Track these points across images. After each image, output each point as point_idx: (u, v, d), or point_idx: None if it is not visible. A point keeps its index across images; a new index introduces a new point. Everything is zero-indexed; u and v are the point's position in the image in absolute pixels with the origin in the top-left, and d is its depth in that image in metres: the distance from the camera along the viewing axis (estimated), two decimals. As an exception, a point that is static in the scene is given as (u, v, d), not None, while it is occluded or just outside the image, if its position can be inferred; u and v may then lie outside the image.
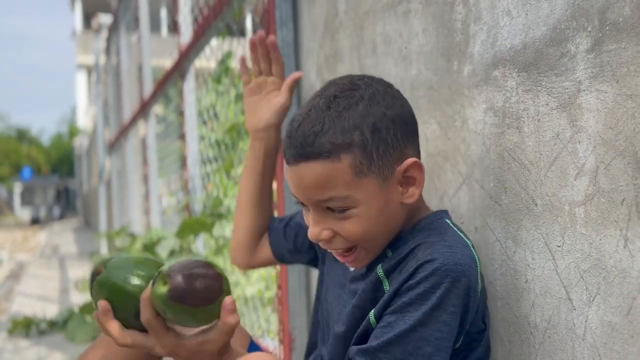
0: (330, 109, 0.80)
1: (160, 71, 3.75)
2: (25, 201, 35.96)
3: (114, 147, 6.52)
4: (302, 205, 0.85)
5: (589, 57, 0.72)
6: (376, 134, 0.79)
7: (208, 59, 2.79)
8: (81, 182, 21.20)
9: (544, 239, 0.80)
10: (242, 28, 2.32)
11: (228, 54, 2.92)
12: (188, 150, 2.87)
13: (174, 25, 3.06)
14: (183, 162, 2.98)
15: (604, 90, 0.70)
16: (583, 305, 0.74)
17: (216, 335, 0.78)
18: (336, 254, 0.87)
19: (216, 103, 2.95)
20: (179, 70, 2.91)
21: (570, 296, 0.76)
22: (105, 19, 6.86)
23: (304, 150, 0.79)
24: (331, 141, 0.78)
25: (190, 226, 2.37)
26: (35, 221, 24.12)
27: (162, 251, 2.93)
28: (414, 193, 0.83)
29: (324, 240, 0.84)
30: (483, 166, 0.92)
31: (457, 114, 0.97)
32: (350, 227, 0.81)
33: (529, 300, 0.84)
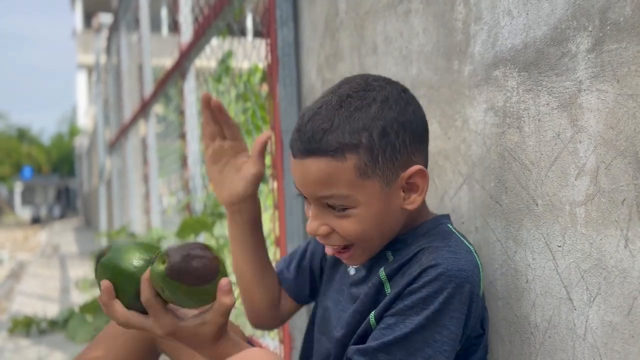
0: (342, 108, 0.80)
1: (161, 71, 3.75)
2: (25, 200, 35.98)
3: (114, 146, 6.53)
4: (305, 198, 0.86)
5: (589, 57, 0.72)
6: (384, 137, 0.79)
7: (208, 59, 2.79)
8: (82, 181, 21.20)
9: (544, 239, 0.80)
10: (242, 27, 2.32)
11: (228, 54, 2.92)
12: (188, 149, 2.87)
13: (174, 25, 3.05)
14: (183, 161, 2.98)
15: (605, 90, 0.70)
16: (584, 305, 0.74)
17: (213, 316, 0.78)
18: (332, 250, 0.88)
19: (217, 102, 2.94)
20: (179, 69, 2.91)
21: (571, 296, 0.76)
22: (106, 18, 6.87)
23: (311, 146, 0.79)
24: (338, 140, 0.78)
25: (191, 226, 2.37)
26: (36, 220, 24.15)
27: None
28: (415, 200, 0.83)
29: (320, 235, 0.85)
30: (484, 166, 0.92)
31: (457, 113, 0.97)
32: (347, 226, 0.82)
33: (529, 300, 0.84)
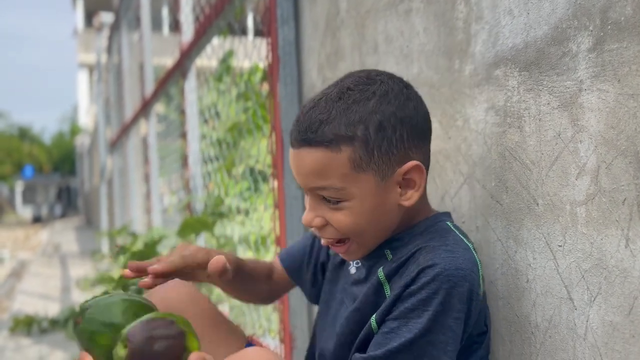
0: (341, 100, 0.80)
1: (162, 70, 3.75)
2: (26, 200, 35.99)
3: (115, 145, 6.53)
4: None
5: (590, 57, 0.72)
6: (381, 132, 0.79)
7: (209, 58, 2.79)
8: (83, 180, 21.22)
9: (545, 239, 0.80)
10: (243, 26, 2.32)
11: (229, 53, 2.92)
12: (189, 149, 2.87)
13: (175, 24, 3.05)
14: (184, 160, 2.98)
15: (606, 89, 0.70)
16: (584, 305, 0.74)
17: None
18: (328, 243, 0.88)
19: (217, 102, 2.95)
20: (180, 68, 2.91)
21: (572, 296, 0.76)
22: (107, 17, 6.87)
23: (307, 136, 0.80)
24: (334, 132, 0.79)
25: (192, 225, 2.37)
26: (37, 220, 24.16)
27: (163, 250, 2.93)
28: (412, 196, 0.83)
29: (315, 227, 0.85)
30: (484, 165, 0.91)
31: (458, 113, 0.97)
32: (341, 218, 0.82)
33: (530, 299, 0.83)
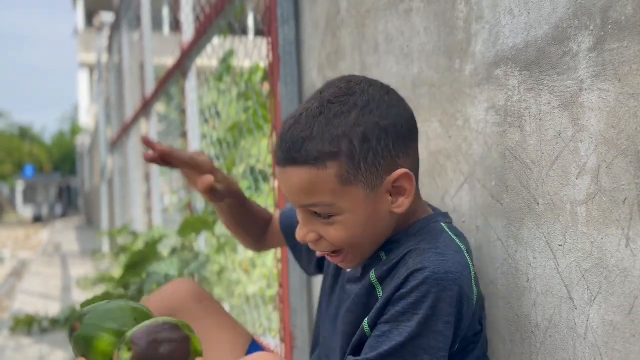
0: (322, 115, 0.78)
1: (162, 69, 3.75)
2: (27, 199, 35.99)
3: (116, 145, 6.53)
4: None
5: (591, 56, 0.72)
6: (365, 143, 0.78)
7: (210, 58, 2.79)
8: (83, 180, 21.23)
9: (545, 238, 0.80)
10: (244, 26, 2.32)
11: (230, 53, 2.92)
12: (190, 148, 2.87)
13: (176, 24, 3.06)
14: (185, 160, 2.97)
15: (606, 89, 0.70)
16: (584, 304, 0.74)
17: None
18: (324, 254, 0.88)
19: (218, 101, 2.95)
20: (180, 68, 2.91)
21: (572, 295, 0.76)
22: (108, 17, 6.87)
23: (291, 155, 0.79)
24: (318, 149, 0.77)
25: (192, 224, 2.37)
26: (38, 219, 24.17)
27: (163, 249, 2.93)
28: (403, 203, 0.82)
29: (309, 242, 0.85)
30: (485, 165, 0.91)
31: (458, 112, 0.97)
32: (334, 233, 0.81)
33: (530, 299, 0.83)
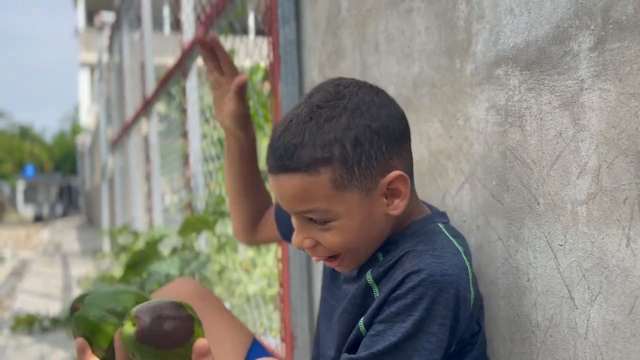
0: (312, 120, 0.77)
1: (163, 69, 3.75)
2: (28, 199, 36.00)
3: (116, 145, 6.53)
4: None
5: (591, 56, 0.72)
6: (358, 147, 0.77)
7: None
8: (84, 179, 21.24)
9: (546, 238, 0.80)
10: (244, 26, 2.32)
11: (231, 52, 2.92)
12: (190, 148, 2.87)
13: (176, 23, 3.06)
14: (185, 160, 2.98)
15: (607, 88, 0.70)
16: (585, 304, 0.74)
17: None
18: (320, 259, 0.87)
19: (218, 101, 2.94)
20: (181, 68, 2.91)
21: (572, 295, 0.76)
22: (108, 16, 6.87)
23: (283, 163, 0.78)
24: (310, 155, 0.76)
25: (193, 224, 2.38)
26: (38, 219, 24.20)
27: (164, 249, 2.94)
28: (398, 205, 0.81)
29: (306, 248, 0.84)
30: (485, 165, 0.91)
31: (459, 112, 0.97)
32: (331, 238, 0.81)
33: (530, 299, 0.83)
